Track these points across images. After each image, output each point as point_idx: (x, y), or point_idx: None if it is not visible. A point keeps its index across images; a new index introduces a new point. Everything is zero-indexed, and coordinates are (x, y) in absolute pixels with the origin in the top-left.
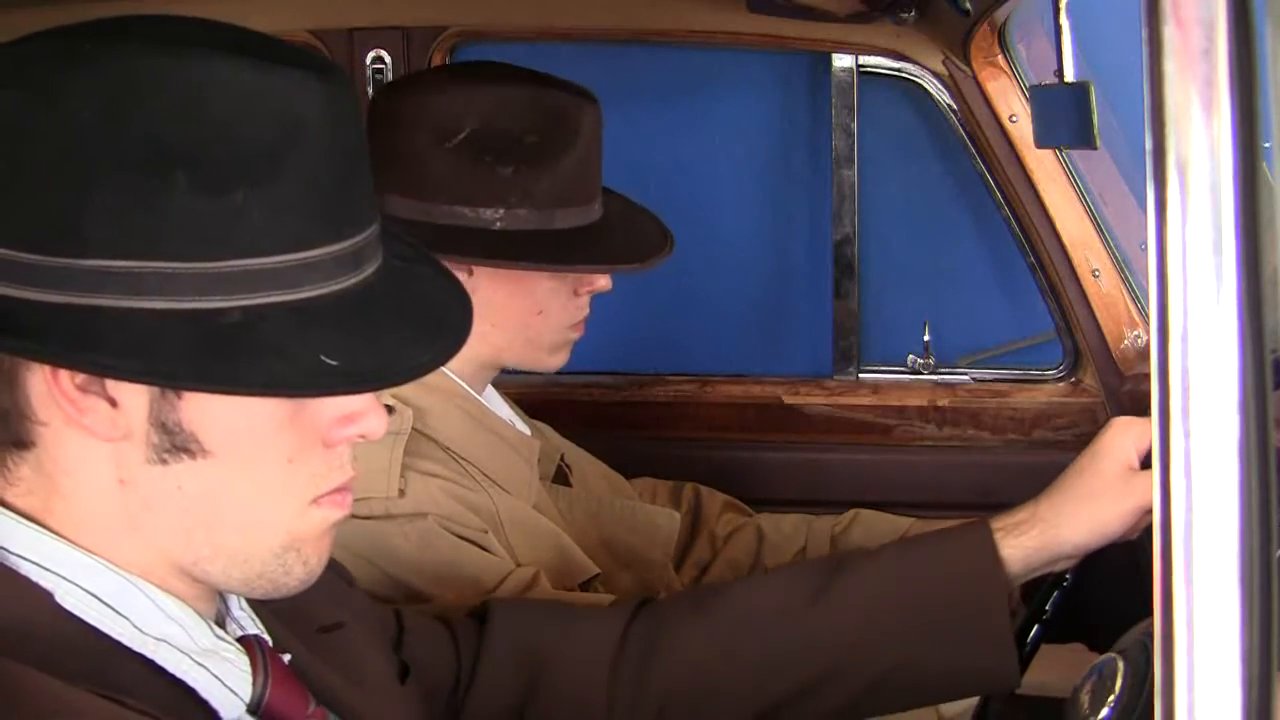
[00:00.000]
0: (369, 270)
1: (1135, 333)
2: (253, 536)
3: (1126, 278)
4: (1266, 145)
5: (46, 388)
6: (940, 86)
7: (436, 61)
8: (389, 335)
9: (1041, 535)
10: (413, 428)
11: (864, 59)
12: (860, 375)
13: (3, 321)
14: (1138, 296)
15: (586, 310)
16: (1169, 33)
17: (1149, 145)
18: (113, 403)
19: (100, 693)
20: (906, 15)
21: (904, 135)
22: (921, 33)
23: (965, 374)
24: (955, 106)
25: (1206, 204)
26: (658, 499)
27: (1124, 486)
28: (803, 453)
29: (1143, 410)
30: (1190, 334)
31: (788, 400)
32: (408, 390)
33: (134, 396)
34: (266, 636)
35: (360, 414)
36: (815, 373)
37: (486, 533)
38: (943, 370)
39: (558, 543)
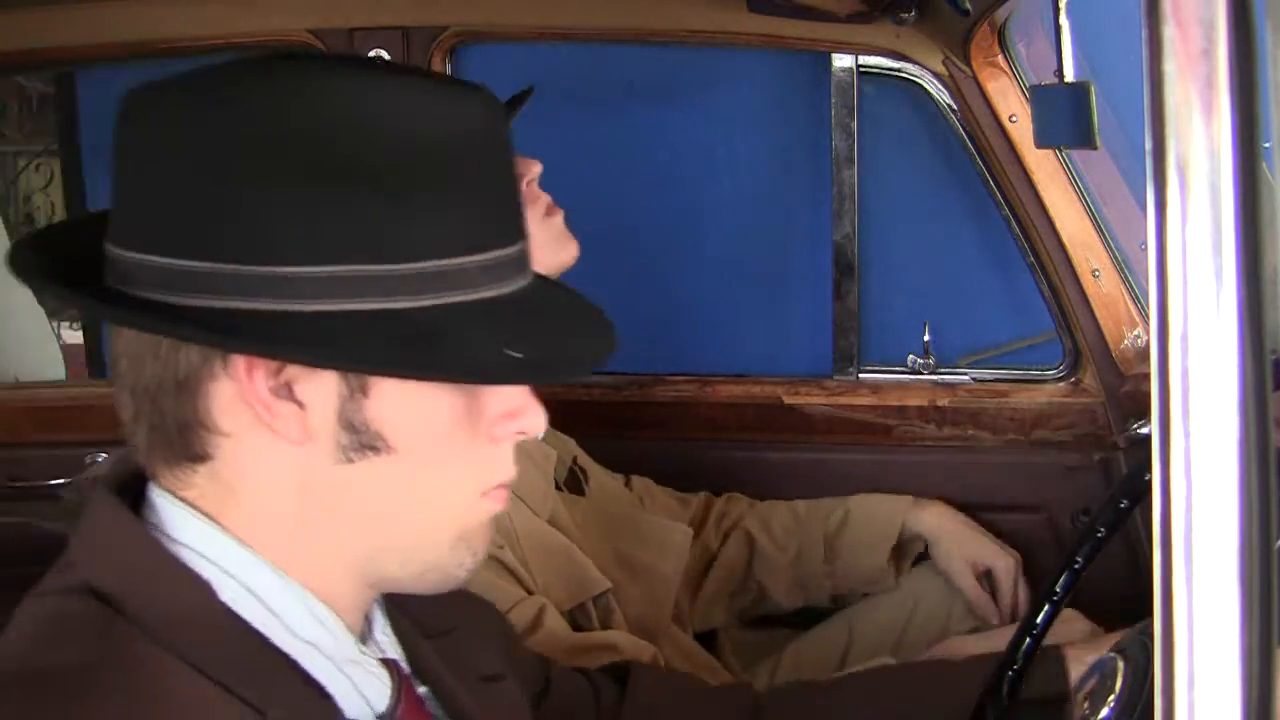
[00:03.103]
0: (529, 278)
1: (1135, 333)
2: (428, 530)
3: (1126, 278)
4: (1266, 145)
5: (237, 394)
6: (940, 86)
7: (436, 62)
8: (557, 333)
9: None
10: None
11: (864, 59)
12: (860, 375)
13: (210, 325)
14: (1138, 296)
15: None
16: (1169, 33)
17: (1149, 145)
18: (301, 405)
19: (244, 700)
20: (906, 15)
21: (904, 135)
22: (921, 33)
23: (965, 374)
24: (955, 106)
25: (1206, 204)
26: (655, 502)
27: None
28: (803, 453)
29: (1143, 410)
30: (1190, 334)
31: (788, 400)
32: None
33: (323, 398)
34: (405, 666)
35: (521, 411)
36: (815, 373)
37: (503, 548)
38: (943, 370)
39: (570, 558)
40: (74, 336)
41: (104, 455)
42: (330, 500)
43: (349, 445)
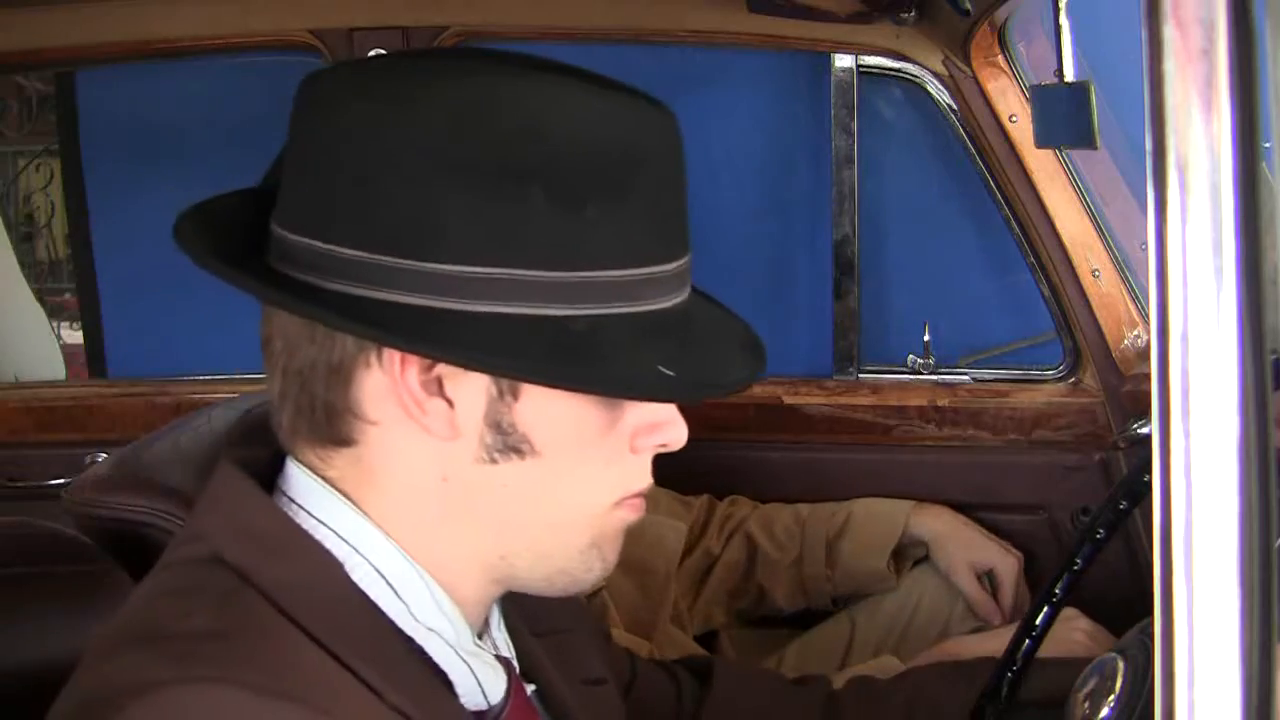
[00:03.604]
0: (688, 292)
1: (1135, 333)
2: (563, 534)
3: (1126, 278)
4: (1266, 145)
5: (389, 385)
6: (940, 86)
7: None
8: (710, 351)
9: None
10: None
11: (864, 59)
12: (860, 375)
13: (369, 316)
14: (1138, 296)
15: None
16: (1169, 33)
17: (1149, 145)
18: (450, 403)
19: (364, 680)
20: (906, 15)
21: (904, 135)
22: (921, 33)
23: (965, 374)
24: (955, 106)
25: (1206, 204)
26: (658, 504)
27: None
28: (803, 453)
29: (1143, 410)
30: (1190, 334)
31: (788, 400)
32: None
33: (472, 398)
34: (516, 664)
35: (665, 424)
36: (815, 373)
37: None
38: (943, 370)
39: None
40: (74, 336)
41: (104, 455)
42: (470, 497)
43: (494, 445)
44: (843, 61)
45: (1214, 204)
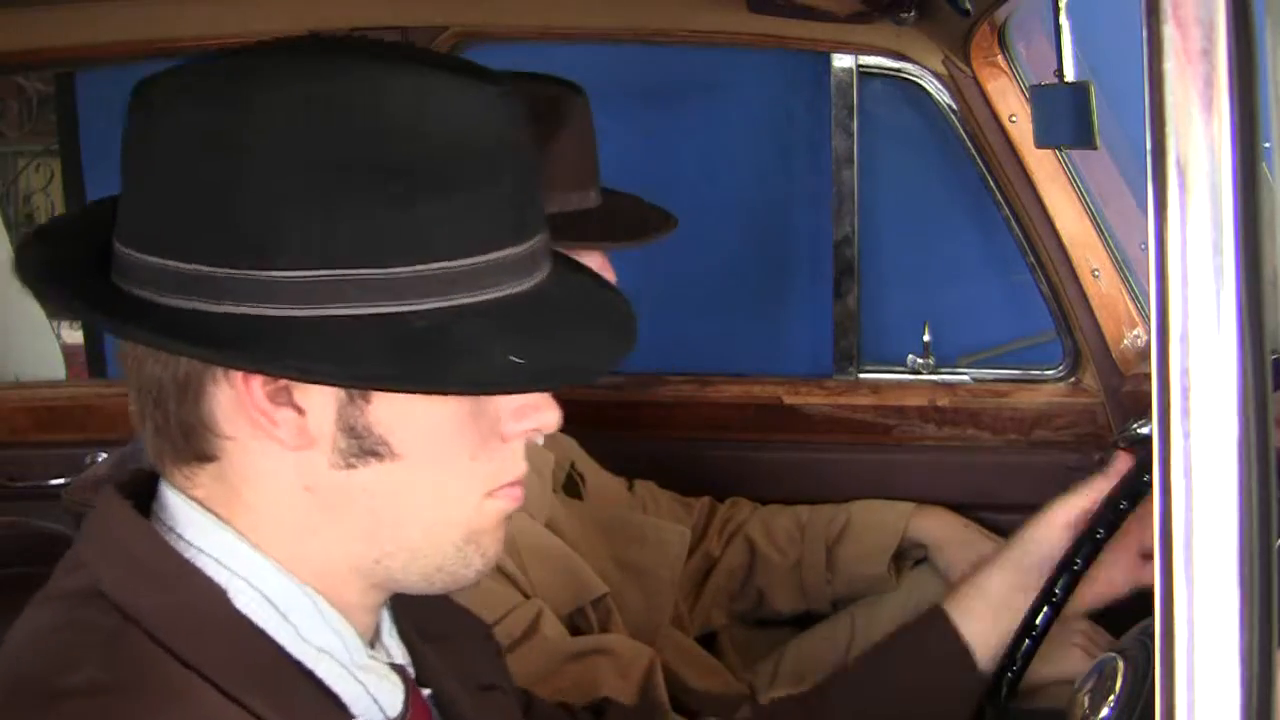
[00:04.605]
0: (543, 273)
1: (1135, 333)
2: (435, 533)
3: (1126, 278)
4: (1266, 145)
5: (235, 401)
6: (940, 86)
7: None
8: (568, 333)
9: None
10: None
11: (864, 59)
12: (860, 375)
13: (198, 334)
14: (1138, 296)
15: None
16: (1169, 33)
17: (1149, 145)
18: (300, 411)
19: (256, 715)
20: (906, 15)
21: (904, 135)
22: (921, 33)
23: (965, 374)
24: (955, 106)
25: (1206, 204)
26: (660, 506)
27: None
28: (803, 453)
29: (1143, 410)
30: (1190, 334)
31: (788, 400)
32: None
33: (322, 404)
34: (411, 670)
35: (535, 409)
36: (815, 373)
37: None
38: (943, 370)
39: (568, 562)
40: (74, 336)
41: (104, 455)
42: (335, 505)
43: (349, 450)
44: (843, 61)
45: (1214, 204)
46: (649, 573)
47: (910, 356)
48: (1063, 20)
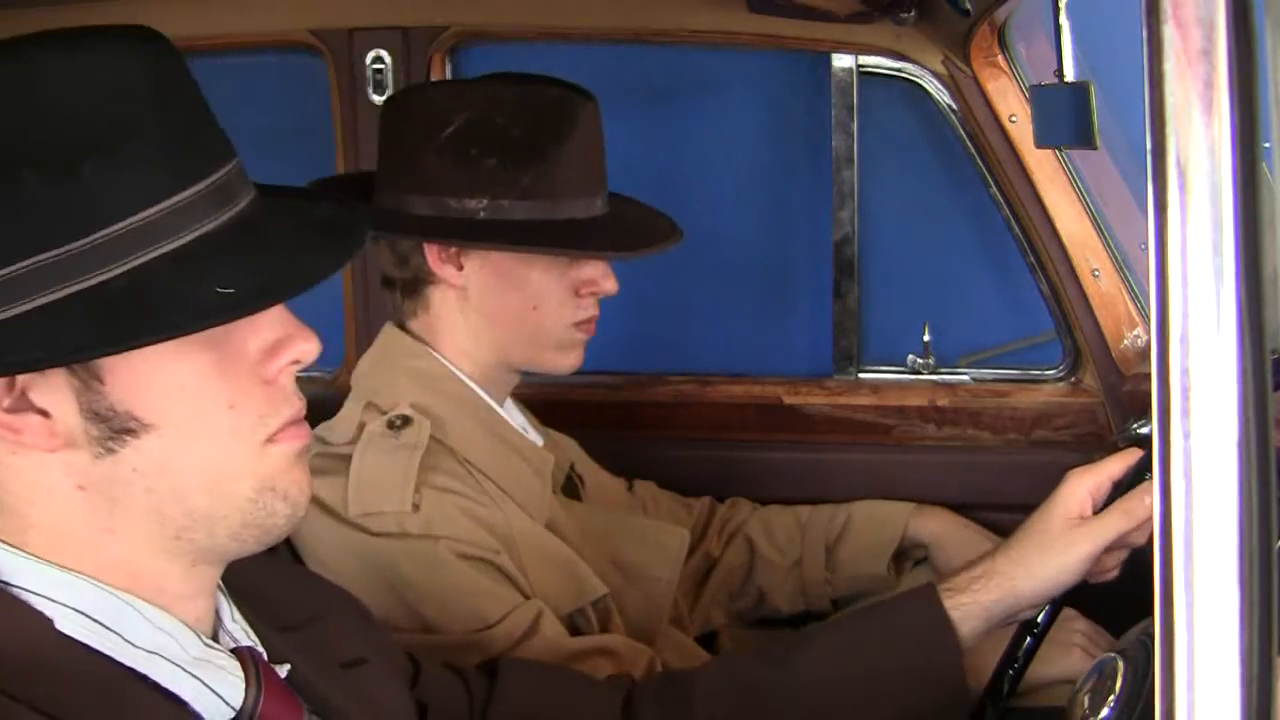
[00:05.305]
0: (242, 203)
1: (1135, 333)
2: (221, 491)
3: (1126, 278)
4: (1266, 145)
5: None
6: (940, 86)
7: (436, 62)
8: (278, 253)
9: (999, 588)
10: (431, 437)
11: (864, 59)
12: (860, 375)
13: None
14: (1138, 296)
15: (593, 311)
16: (1169, 33)
17: (1149, 145)
18: (44, 413)
19: None
20: (906, 15)
21: (904, 135)
22: (921, 33)
23: (965, 374)
24: (955, 106)
25: (1206, 204)
26: (660, 507)
27: (1069, 536)
28: (803, 453)
29: (1143, 410)
30: (1190, 334)
31: (788, 400)
32: (428, 399)
33: (61, 399)
34: (261, 649)
35: (285, 341)
36: (815, 373)
37: (499, 553)
38: (943, 370)
39: (568, 563)
40: None
41: None
42: (113, 495)
43: (103, 436)
44: (843, 61)
45: (1214, 204)
46: (648, 574)
47: (910, 356)
48: (1063, 20)
